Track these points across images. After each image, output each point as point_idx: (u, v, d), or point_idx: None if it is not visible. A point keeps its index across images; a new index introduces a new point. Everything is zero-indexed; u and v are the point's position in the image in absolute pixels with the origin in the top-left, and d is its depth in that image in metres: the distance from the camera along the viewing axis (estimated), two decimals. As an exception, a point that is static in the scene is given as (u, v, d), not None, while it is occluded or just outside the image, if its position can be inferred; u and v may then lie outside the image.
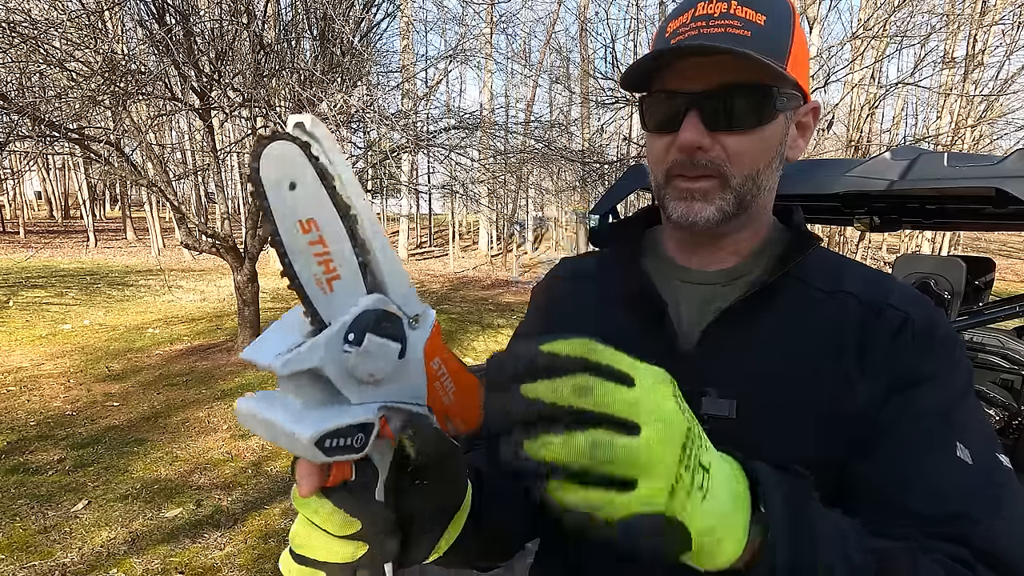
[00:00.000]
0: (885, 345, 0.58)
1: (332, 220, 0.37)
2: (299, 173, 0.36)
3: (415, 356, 0.43)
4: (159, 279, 11.48)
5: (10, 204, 21.94)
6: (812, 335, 0.60)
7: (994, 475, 0.53)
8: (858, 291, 0.62)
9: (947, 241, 15.97)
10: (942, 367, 0.57)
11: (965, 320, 2.62)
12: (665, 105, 0.61)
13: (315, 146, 0.36)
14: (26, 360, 5.86)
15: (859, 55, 10.40)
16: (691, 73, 0.58)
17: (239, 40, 4.44)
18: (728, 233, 0.66)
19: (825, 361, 0.58)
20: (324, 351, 0.38)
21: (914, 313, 0.59)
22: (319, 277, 0.38)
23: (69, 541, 2.80)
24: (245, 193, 15.40)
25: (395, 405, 0.43)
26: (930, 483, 0.53)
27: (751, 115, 0.58)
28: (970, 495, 0.52)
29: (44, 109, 4.06)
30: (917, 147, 2.95)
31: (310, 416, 0.39)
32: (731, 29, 0.56)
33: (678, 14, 0.60)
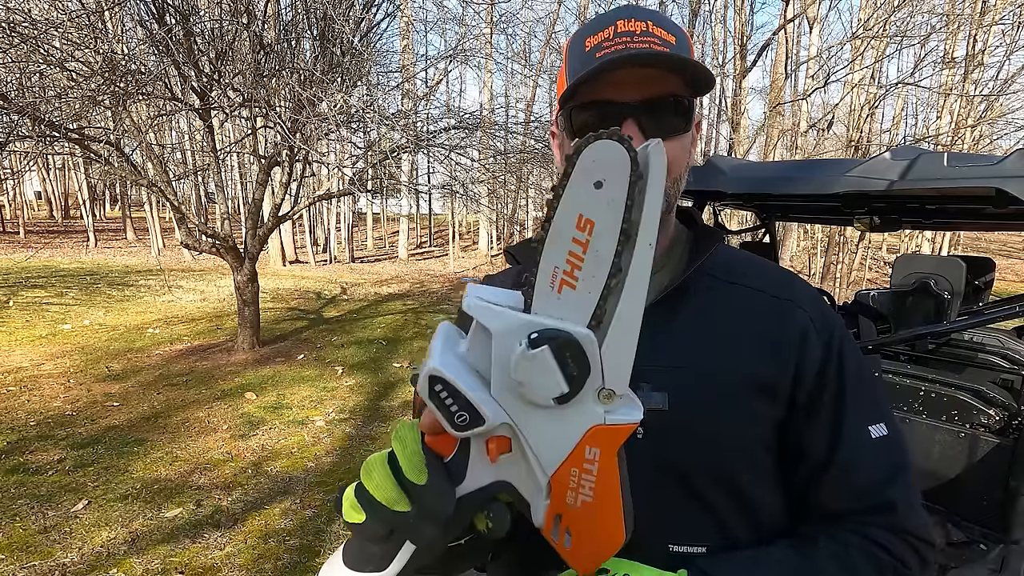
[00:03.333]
0: (794, 341, 0.64)
1: (609, 236, 0.36)
2: (613, 177, 0.36)
3: (574, 422, 0.39)
4: (159, 279, 11.48)
5: (10, 204, 21.94)
6: (728, 325, 0.64)
7: (894, 450, 0.63)
8: (765, 286, 0.67)
9: (947, 241, 15.97)
10: (842, 355, 0.65)
11: (965, 320, 2.62)
12: (601, 115, 0.62)
13: (643, 167, 0.36)
14: (26, 360, 5.86)
15: (859, 55, 10.39)
16: (628, 84, 0.60)
17: (239, 40, 4.44)
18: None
19: (744, 350, 0.63)
20: (502, 324, 0.38)
21: (812, 312, 0.66)
22: (557, 273, 0.37)
23: (69, 541, 2.80)
24: (245, 193, 15.39)
25: (521, 439, 0.40)
26: (857, 477, 0.61)
27: (679, 124, 0.63)
28: (886, 479, 0.61)
29: (44, 109, 4.06)
30: (917, 147, 2.95)
31: (452, 356, 0.40)
32: (654, 45, 0.60)
33: (596, 30, 0.62)
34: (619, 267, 0.36)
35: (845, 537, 0.59)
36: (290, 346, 6.70)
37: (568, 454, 0.40)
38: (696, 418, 0.60)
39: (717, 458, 0.61)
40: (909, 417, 2.52)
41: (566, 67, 0.65)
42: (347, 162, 6.56)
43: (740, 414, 0.61)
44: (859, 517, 0.61)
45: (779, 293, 0.67)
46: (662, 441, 0.60)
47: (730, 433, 0.61)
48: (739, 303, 0.66)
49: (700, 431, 0.61)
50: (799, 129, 11.17)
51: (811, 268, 16.56)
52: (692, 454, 0.60)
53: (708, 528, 0.61)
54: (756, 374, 0.62)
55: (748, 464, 0.62)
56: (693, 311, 0.65)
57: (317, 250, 18.83)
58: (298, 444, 4.01)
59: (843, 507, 0.62)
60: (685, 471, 0.60)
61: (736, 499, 0.61)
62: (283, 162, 5.39)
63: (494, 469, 0.42)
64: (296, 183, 5.84)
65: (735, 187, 2.78)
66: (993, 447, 2.30)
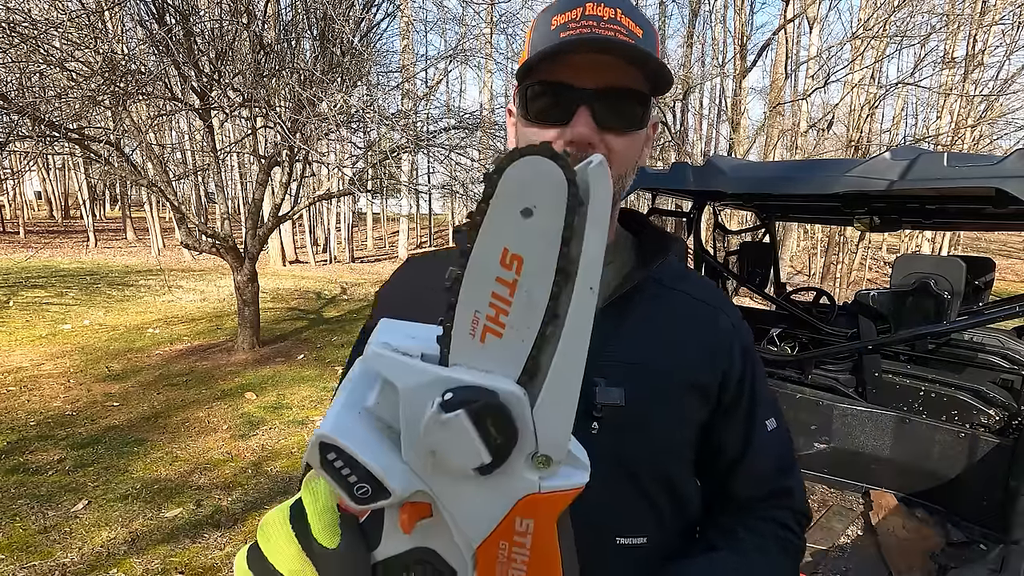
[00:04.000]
0: (724, 348, 0.70)
1: (543, 275, 0.29)
2: (546, 203, 0.28)
3: (502, 492, 0.33)
4: (159, 279, 11.48)
5: (10, 204, 21.94)
6: (674, 331, 0.68)
7: (786, 441, 0.73)
8: (703, 295, 0.72)
9: (947, 241, 15.97)
10: (755, 362, 0.73)
11: (965, 320, 2.62)
12: (555, 97, 0.60)
13: (584, 192, 0.29)
14: (26, 360, 5.86)
15: (859, 55, 10.39)
16: (585, 69, 0.58)
17: (239, 40, 4.44)
18: None
19: (687, 355, 0.67)
20: (410, 381, 0.31)
21: (735, 321, 0.73)
22: (479, 319, 0.31)
23: (69, 541, 2.80)
24: (245, 193, 15.40)
25: (440, 507, 0.34)
26: (755, 467, 0.70)
27: (633, 119, 0.62)
28: (784, 467, 0.72)
29: (44, 109, 4.06)
30: (917, 147, 2.95)
31: (353, 414, 0.33)
32: (620, 34, 0.58)
33: (565, 9, 0.60)
34: (555, 313, 0.30)
35: (758, 526, 0.69)
36: (290, 346, 6.70)
37: (496, 526, 0.34)
38: (649, 415, 0.63)
39: (663, 455, 0.66)
40: (909, 417, 2.53)
41: (530, 41, 0.63)
42: (347, 162, 6.56)
43: (682, 415, 0.66)
44: (766, 502, 0.71)
45: (714, 302, 0.73)
46: (618, 437, 0.61)
47: (673, 432, 0.66)
48: (683, 310, 0.70)
49: (651, 428, 0.64)
50: (799, 129, 11.17)
51: (811, 268, 16.56)
52: (643, 450, 0.64)
53: (650, 521, 0.65)
54: (696, 378, 0.67)
55: (681, 461, 0.68)
56: (641, 316, 0.66)
57: (317, 250, 18.84)
58: (298, 444, 4.00)
59: (752, 494, 0.71)
60: (636, 466, 0.63)
61: (672, 494, 0.67)
62: (283, 162, 5.39)
63: (413, 535, 0.36)
64: (296, 183, 5.84)
65: (735, 187, 2.78)
66: (993, 447, 2.30)
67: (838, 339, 3.20)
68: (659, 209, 3.89)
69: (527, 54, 0.62)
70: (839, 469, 2.71)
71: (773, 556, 0.67)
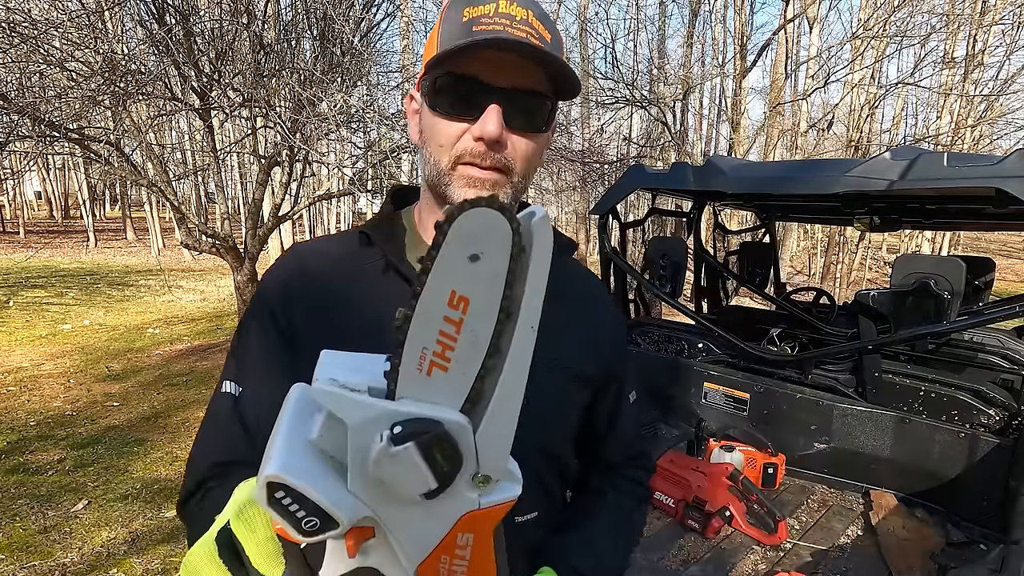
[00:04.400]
0: (608, 340, 0.78)
1: (487, 315, 0.32)
2: (492, 250, 0.32)
3: (445, 512, 0.35)
4: (159, 279, 11.48)
5: (10, 204, 21.94)
6: (568, 325, 0.73)
7: (641, 409, 0.87)
8: (592, 290, 0.81)
9: (947, 241, 15.96)
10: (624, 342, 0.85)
11: (965, 320, 2.62)
12: (466, 91, 0.60)
13: (526, 240, 0.33)
14: (26, 360, 5.86)
15: (859, 55, 10.39)
16: (497, 67, 0.58)
17: (239, 40, 4.43)
18: None
19: (578, 348, 0.73)
20: (359, 416, 0.32)
21: (616, 313, 0.83)
22: (426, 355, 0.33)
23: (69, 541, 2.80)
24: (245, 193, 15.40)
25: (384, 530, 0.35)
26: (626, 435, 0.83)
27: (540, 121, 0.63)
28: (640, 433, 0.89)
29: (44, 109, 4.05)
30: (917, 147, 2.95)
31: (297, 449, 0.34)
32: (531, 37, 0.58)
33: (478, 2, 0.59)
34: (498, 348, 0.33)
35: (622, 485, 0.82)
36: (290, 346, 6.69)
37: (438, 543, 0.36)
38: (547, 408, 0.68)
39: (555, 441, 0.72)
40: (909, 417, 2.53)
41: (438, 31, 0.62)
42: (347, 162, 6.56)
43: (573, 402, 0.74)
44: (629, 463, 0.85)
45: (598, 296, 0.81)
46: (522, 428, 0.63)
47: (565, 419, 0.73)
48: (574, 306, 0.75)
49: (549, 419, 0.69)
50: (799, 129, 11.16)
51: (811, 268, 16.56)
52: (540, 439, 0.69)
53: (540, 498, 0.72)
54: (584, 369, 0.73)
55: (568, 442, 0.75)
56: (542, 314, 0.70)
57: (317, 250, 18.81)
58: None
59: (618, 458, 0.84)
60: (533, 453, 0.68)
61: (558, 472, 0.75)
62: (283, 162, 5.38)
63: (356, 556, 0.37)
64: (296, 183, 5.84)
65: (735, 187, 2.78)
66: (993, 447, 2.30)
67: (838, 339, 3.19)
68: (659, 209, 3.89)
69: (436, 43, 0.61)
70: (839, 469, 2.71)
71: (634, 510, 0.83)
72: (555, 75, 0.61)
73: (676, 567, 2.06)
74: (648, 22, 14.81)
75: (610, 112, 11.38)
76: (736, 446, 2.67)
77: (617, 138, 12.68)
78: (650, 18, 15.56)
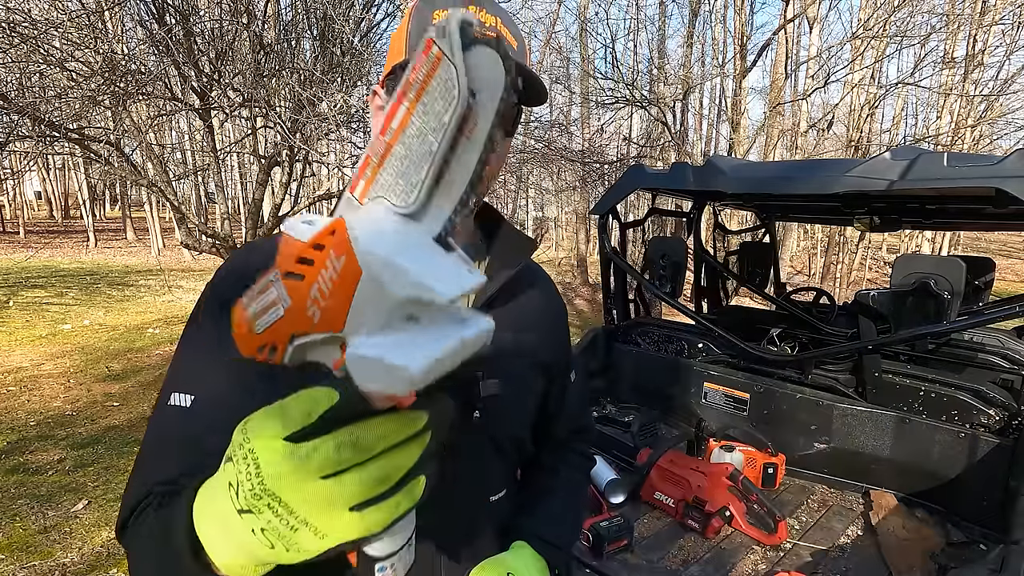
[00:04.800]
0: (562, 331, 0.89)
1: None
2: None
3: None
4: (159, 279, 11.48)
5: (10, 204, 21.94)
6: (530, 321, 0.80)
7: (584, 387, 0.99)
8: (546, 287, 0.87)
9: (947, 241, 15.96)
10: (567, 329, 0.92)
11: (965, 320, 2.62)
12: None
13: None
14: (26, 360, 5.86)
15: (859, 55, 10.39)
16: None
17: (239, 40, 4.44)
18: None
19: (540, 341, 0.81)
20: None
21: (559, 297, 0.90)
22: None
23: (69, 541, 2.80)
24: (245, 193, 15.39)
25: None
26: (571, 412, 0.92)
27: (509, 127, 0.67)
28: (583, 407, 0.99)
29: (44, 109, 4.05)
30: (917, 147, 2.95)
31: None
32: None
33: (446, 6, 0.61)
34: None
35: (572, 459, 0.93)
36: (290, 346, 6.69)
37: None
38: (514, 398, 0.76)
39: (520, 426, 0.80)
40: (909, 417, 2.53)
41: (406, 32, 0.63)
42: (347, 162, 6.55)
43: (536, 391, 0.81)
44: (575, 436, 0.95)
45: (548, 288, 0.88)
46: (493, 419, 0.73)
47: (528, 406, 0.80)
48: (533, 302, 0.81)
49: (516, 407, 0.78)
50: (799, 129, 11.17)
51: (811, 268, 16.56)
52: (509, 426, 0.77)
53: (508, 478, 0.81)
54: (543, 359, 0.81)
55: (529, 425, 0.83)
56: (509, 310, 0.76)
57: (317, 250, 18.79)
58: (298, 444, 4.01)
59: (564, 434, 0.92)
60: (503, 439, 0.77)
61: (521, 452, 0.83)
62: (283, 162, 5.39)
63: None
64: (296, 183, 5.84)
65: (735, 187, 2.78)
66: (993, 447, 2.30)
67: (838, 339, 3.19)
68: (659, 209, 3.89)
69: (404, 46, 0.62)
70: (839, 469, 2.71)
71: (583, 483, 0.95)
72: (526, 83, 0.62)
73: (676, 567, 2.06)
74: (648, 22, 14.83)
75: (610, 112, 11.39)
76: (736, 446, 2.67)
77: (617, 138, 12.69)
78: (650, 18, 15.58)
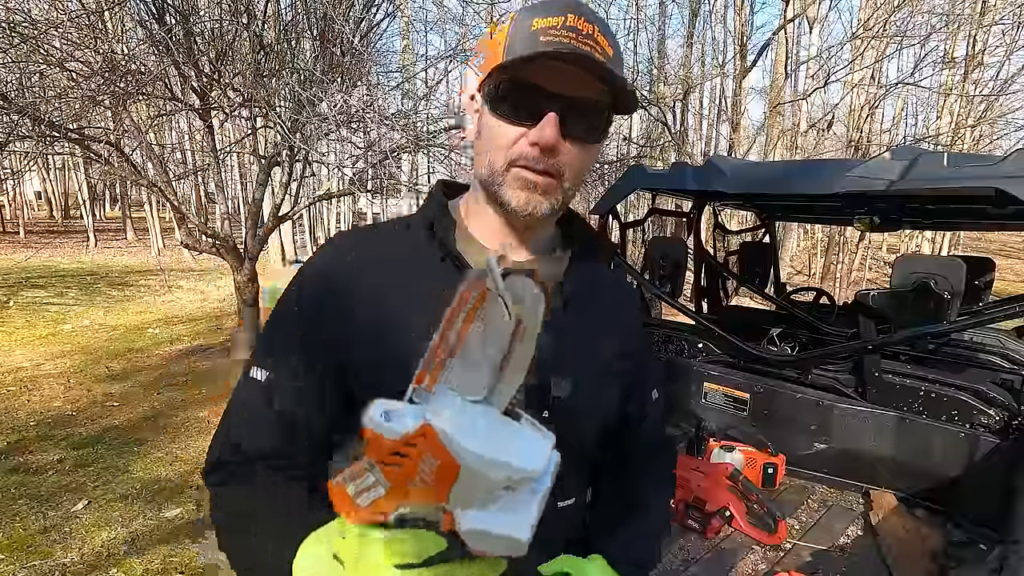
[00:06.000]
0: (639, 332, 0.85)
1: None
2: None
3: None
4: (159, 279, 11.47)
5: (10, 204, 21.93)
6: (606, 317, 0.78)
7: (664, 404, 0.91)
8: (622, 287, 0.86)
9: (947, 241, 15.96)
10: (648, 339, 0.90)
11: (965, 320, 2.62)
12: (528, 97, 0.62)
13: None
14: (26, 360, 5.86)
15: (859, 55, 10.39)
16: (559, 77, 0.61)
17: (239, 40, 4.44)
18: (541, 226, 0.74)
19: (616, 343, 0.77)
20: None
21: (637, 301, 0.88)
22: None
23: (69, 541, 2.80)
24: (245, 193, 15.39)
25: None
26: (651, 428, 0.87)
27: (595, 132, 0.67)
28: (663, 427, 0.94)
29: (44, 109, 4.06)
30: (917, 147, 2.95)
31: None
32: (596, 53, 0.61)
33: (547, 14, 0.62)
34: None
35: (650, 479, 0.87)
36: (290, 346, 6.69)
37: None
38: (587, 399, 0.73)
39: (593, 431, 0.76)
40: (909, 417, 2.52)
41: (507, 37, 0.64)
42: (347, 162, 6.55)
43: (607, 398, 0.77)
44: (659, 451, 0.90)
45: (626, 290, 0.90)
46: (564, 420, 0.69)
47: (601, 412, 0.77)
48: (608, 302, 0.80)
49: (588, 412, 0.74)
50: (799, 129, 11.16)
51: (811, 268, 16.55)
52: (581, 430, 0.74)
53: (578, 485, 0.79)
54: (619, 367, 0.78)
55: (602, 432, 0.78)
56: (584, 310, 0.75)
57: (317, 250, 18.77)
58: (298, 444, 4.00)
59: (654, 447, 0.89)
60: (573, 442, 0.72)
61: (591, 459, 0.80)
62: (283, 162, 5.38)
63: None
64: (296, 183, 5.83)
65: (735, 187, 2.78)
66: (993, 447, 2.30)
67: (838, 339, 3.19)
68: (659, 209, 3.89)
69: (503, 48, 0.64)
70: (839, 469, 2.71)
71: (663, 503, 0.88)
72: (613, 90, 0.63)
73: (676, 567, 2.06)
74: (648, 22, 14.79)
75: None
76: (736, 446, 2.67)
77: (617, 138, 12.67)
78: (650, 18, 15.54)
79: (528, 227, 0.72)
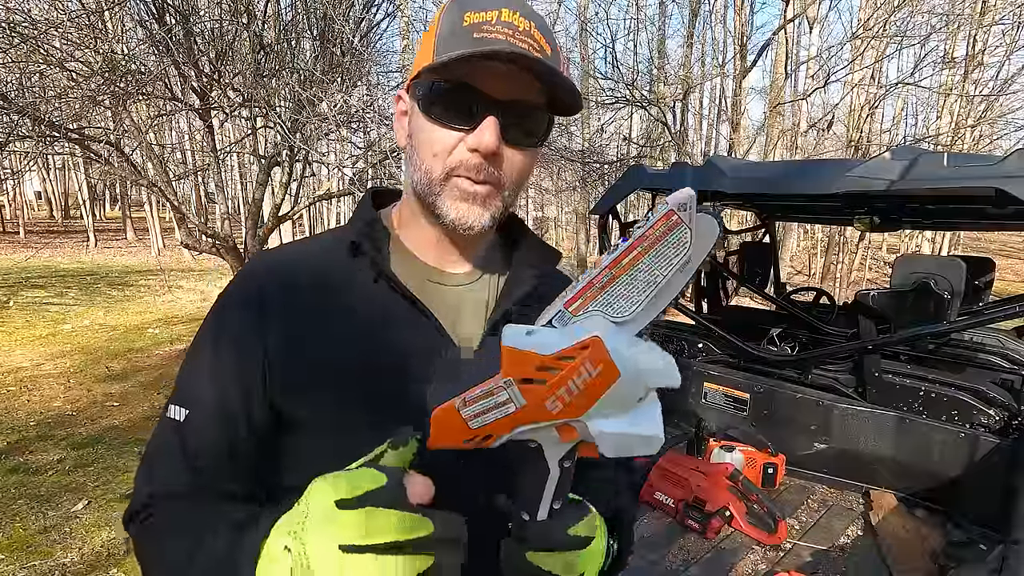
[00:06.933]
0: None
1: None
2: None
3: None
4: (159, 279, 11.47)
5: (10, 204, 21.93)
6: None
7: None
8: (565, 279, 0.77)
9: (947, 241, 15.96)
10: None
11: (965, 320, 2.62)
12: (464, 99, 0.58)
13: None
14: (26, 360, 5.86)
15: (859, 55, 10.39)
16: (497, 78, 0.57)
17: (239, 40, 4.44)
18: (480, 238, 0.68)
19: None
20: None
21: None
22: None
23: (69, 541, 2.80)
24: (245, 193, 15.39)
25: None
26: None
27: (535, 136, 0.62)
28: None
29: (44, 109, 4.05)
30: (917, 147, 2.95)
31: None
32: (533, 50, 0.56)
33: (479, 7, 0.57)
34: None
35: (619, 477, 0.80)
36: (290, 346, 6.69)
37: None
38: None
39: None
40: (909, 417, 2.53)
41: (436, 33, 0.59)
42: (347, 162, 6.55)
43: None
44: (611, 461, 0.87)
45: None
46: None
47: None
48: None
49: None
50: (799, 129, 11.17)
51: (811, 268, 16.56)
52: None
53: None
54: None
55: None
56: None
57: (317, 250, 18.76)
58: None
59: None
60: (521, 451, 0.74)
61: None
62: (283, 162, 5.38)
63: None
64: (296, 183, 5.84)
65: (735, 187, 2.78)
66: (993, 447, 2.30)
67: (838, 339, 3.19)
68: (659, 209, 3.89)
69: (433, 45, 0.58)
70: (839, 469, 2.71)
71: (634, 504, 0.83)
72: (554, 90, 0.60)
73: (676, 567, 2.06)
74: (648, 22, 14.79)
75: (610, 112, 11.37)
76: (736, 446, 2.67)
77: (617, 138, 12.67)
78: (650, 18, 15.56)
79: (469, 240, 0.67)
